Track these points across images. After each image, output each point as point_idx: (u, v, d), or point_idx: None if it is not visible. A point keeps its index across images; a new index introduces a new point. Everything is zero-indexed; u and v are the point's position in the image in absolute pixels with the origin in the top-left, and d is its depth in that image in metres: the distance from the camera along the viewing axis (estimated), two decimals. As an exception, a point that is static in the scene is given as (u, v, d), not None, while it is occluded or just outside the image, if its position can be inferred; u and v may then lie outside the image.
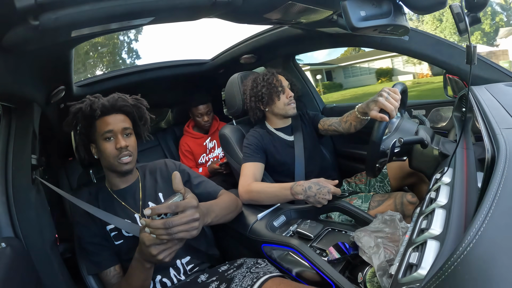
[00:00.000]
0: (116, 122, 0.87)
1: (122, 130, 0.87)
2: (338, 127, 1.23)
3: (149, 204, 0.92)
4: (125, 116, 0.91)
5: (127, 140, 0.88)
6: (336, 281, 0.67)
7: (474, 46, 0.56)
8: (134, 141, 0.91)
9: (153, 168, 1.01)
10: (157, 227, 0.60)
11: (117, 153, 0.86)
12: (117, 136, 0.86)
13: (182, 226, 0.62)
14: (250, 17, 0.85)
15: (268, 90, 1.21)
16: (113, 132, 0.86)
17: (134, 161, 0.91)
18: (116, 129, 0.86)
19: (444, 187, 0.55)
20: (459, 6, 0.61)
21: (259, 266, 0.80)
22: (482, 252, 0.26)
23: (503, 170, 0.34)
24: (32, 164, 0.90)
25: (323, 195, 0.92)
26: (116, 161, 0.86)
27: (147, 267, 0.70)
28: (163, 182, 0.98)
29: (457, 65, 1.06)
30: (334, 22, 0.96)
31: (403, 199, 1.02)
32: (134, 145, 0.91)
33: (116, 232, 0.88)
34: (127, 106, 0.91)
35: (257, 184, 1.07)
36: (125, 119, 0.90)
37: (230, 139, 1.30)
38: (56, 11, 0.46)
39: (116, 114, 0.88)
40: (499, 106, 0.62)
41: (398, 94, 0.88)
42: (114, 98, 0.89)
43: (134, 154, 0.90)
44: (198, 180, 0.99)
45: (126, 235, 0.87)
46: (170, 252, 0.65)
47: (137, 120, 0.94)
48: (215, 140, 1.93)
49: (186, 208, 0.64)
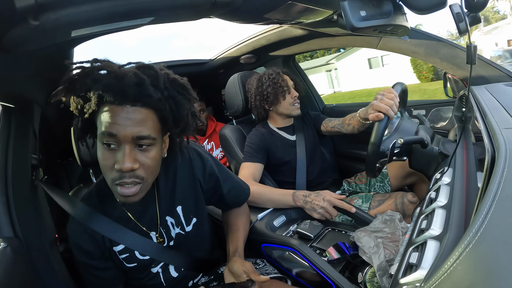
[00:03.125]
0: (126, 123, 0.53)
1: (133, 139, 0.55)
2: (341, 128, 1.24)
3: (167, 219, 0.72)
4: (149, 112, 0.56)
5: (140, 156, 0.56)
6: (336, 281, 0.67)
7: (474, 46, 0.56)
8: (154, 155, 0.58)
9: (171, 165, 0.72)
10: None
11: (116, 175, 0.55)
12: (123, 147, 0.54)
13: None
14: (250, 17, 0.85)
15: (274, 90, 1.21)
16: (117, 138, 0.54)
17: (147, 189, 0.60)
18: (123, 136, 0.54)
19: (444, 187, 0.55)
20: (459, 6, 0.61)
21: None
22: (482, 252, 0.26)
23: (503, 170, 0.34)
24: (32, 164, 0.90)
25: (317, 202, 0.92)
26: (113, 185, 0.56)
27: None
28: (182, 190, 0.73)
29: (457, 65, 1.06)
30: (334, 22, 0.96)
31: (403, 199, 1.02)
32: (152, 164, 0.58)
33: (127, 255, 0.68)
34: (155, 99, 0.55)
35: (258, 187, 1.07)
36: (146, 119, 0.56)
37: (230, 139, 1.30)
38: (56, 11, 0.46)
39: (132, 106, 0.54)
40: (499, 106, 0.62)
41: (393, 92, 0.88)
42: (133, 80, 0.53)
43: (149, 179, 0.59)
44: (228, 187, 0.82)
45: (140, 258, 0.69)
46: None
47: (170, 121, 0.60)
48: (213, 142, 1.92)
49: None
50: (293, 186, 1.20)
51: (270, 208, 1.02)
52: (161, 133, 0.61)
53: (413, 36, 1.11)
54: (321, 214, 0.92)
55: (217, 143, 1.91)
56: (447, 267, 0.26)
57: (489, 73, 1.02)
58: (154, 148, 0.58)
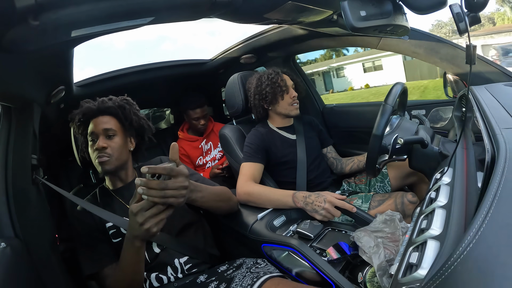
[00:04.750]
0: (98, 124, 0.89)
1: (103, 131, 0.89)
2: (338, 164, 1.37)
3: None
4: (110, 118, 0.92)
5: (107, 142, 0.89)
6: (336, 281, 0.67)
7: (474, 46, 0.56)
8: (117, 142, 0.91)
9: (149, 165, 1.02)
10: (152, 187, 0.62)
11: (96, 154, 0.88)
12: (98, 137, 0.89)
13: (173, 191, 0.63)
14: (250, 17, 0.85)
15: (272, 89, 1.21)
16: (95, 134, 0.89)
17: (116, 162, 0.90)
18: (97, 131, 0.89)
19: (444, 187, 0.55)
20: (459, 6, 0.61)
21: (258, 266, 0.80)
22: (482, 252, 0.26)
23: (503, 170, 0.34)
24: (32, 164, 0.90)
25: (318, 203, 0.92)
26: (96, 161, 0.88)
27: (137, 246, 0.69)
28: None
29: (457, 65, 1.06)
30: (334, 22, 0.96)
31: (403, 199, 1.02)
32: (116, 147, 0.90)
33: (114, 230, 0.88)
34: (112, 107, 0.92)
35: (258, 187, 1.07)
36: (110, 121, 0.91)
37: (230, 139, 1.30)
38: (56, 11, 0.46)
39: (102, 116, 0.91)
40: (499, 106, 0.62)
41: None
42: (99, 100, 0.93)
43: (114, 155, 0.90)
44: (194, 178, 0.97)
45: (124, 232, 0.87)
46: (157, 221, 0.64)
47: (123, 120, 0.94)
48: (211, 142, 1.91)
49: (178, 174, 0.65)
50: (293, 187, 1.20)
51: (270, 208, 1.02)
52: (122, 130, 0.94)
53: (413, 36, 1.11)
54: (323, 215, 0.91)
55: (215, 143, 1.91)
56: (447, 267, 0.26)
57: (489, 73, 1.02)
58: (117, 137, 0.91)
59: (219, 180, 1.67)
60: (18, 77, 0.70)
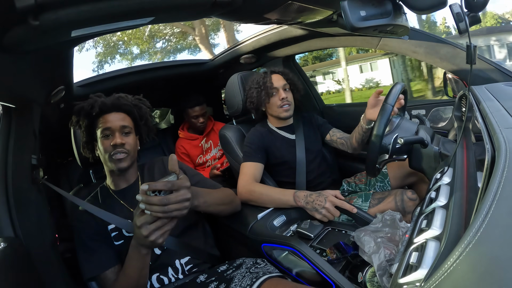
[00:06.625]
0: (115, 120, 0.88)
1: (120, 128, 0.89)
2: (347, 141, 1.27)
3: None
4: (126, 115, 0.92)
5: (124, 139, 0.88)
6: (336, 281, 0.67)
7: (474, 46, 0.56)
8: (132, 140, 0.91)
9: (151, 165, 1.02)
10: (154, 203, 0.61)
11: (112, 149, 0.86)
12: (115, 133, 0.87)
13: (176, 205, 0.63)
14: (250, 17, 0.85)
15: (258, 93, 1.20)
16: (111, 130, 0.88)
17: (130, 160, 0.90)
18: (114, 127, 0.88)
19: (444, 187, 0.55)
20: (459, 6, 0.61)
21: (258, 266, 0.80)
22: (482, 252, 0.26)
23: (503, 170, 0.34)
24: (32, 164, 0.90)
25: (319, 202, 0.92)
26: (111, 157, 0.86)
27: (143, 253, 0.69)
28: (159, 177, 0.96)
29: (457, 65, 1.06)
30: (334, 22, 0.96)
31: (403, 196, 1.02)
32: (132, 144, 0.91)
33: (116, 232, 0.87)
34: (128, 105, 0.92)
35: (259, 186, 1.07)
36: (125, 118, 0.91)
37: (230, 139, 1.30)
38: (56, 11, 0.46)
39: (116, 112, 0.90)
40: (499, 106, 0.62)
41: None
42: (115, 97, 0.91)
43: (131, 153, 0.89)
44: (196, 179, 0.98)
45: (126, 235, 0.87)
46: (162, 232, 0.64)
47: (138, 119, 0.95)
48: (211, 140, 1.92)
49: (180, 188, 0.65)
50: (293, 187, 1.20)
51: (271, 207, 1.02)
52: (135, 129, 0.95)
53: (413, 36, 1.11)
54: (323, 215, 0.91)
55: (215, 142, 1.91)
56: (447, 267, 0.26)
57: (489, 73, 1.02)
58: (132, 135, 0.92)
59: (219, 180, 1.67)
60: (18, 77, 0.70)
